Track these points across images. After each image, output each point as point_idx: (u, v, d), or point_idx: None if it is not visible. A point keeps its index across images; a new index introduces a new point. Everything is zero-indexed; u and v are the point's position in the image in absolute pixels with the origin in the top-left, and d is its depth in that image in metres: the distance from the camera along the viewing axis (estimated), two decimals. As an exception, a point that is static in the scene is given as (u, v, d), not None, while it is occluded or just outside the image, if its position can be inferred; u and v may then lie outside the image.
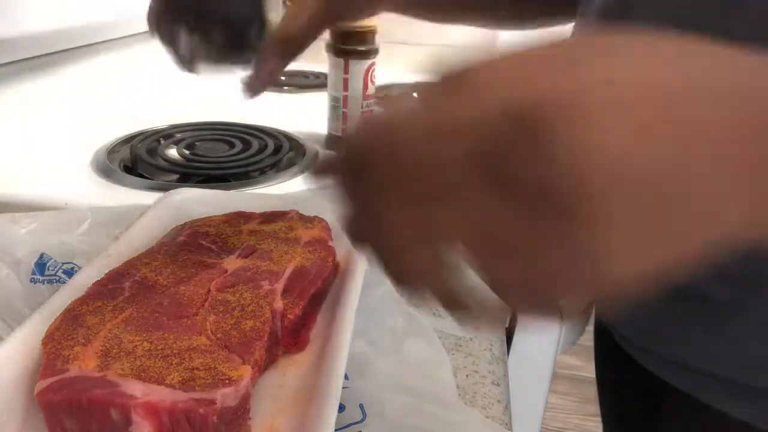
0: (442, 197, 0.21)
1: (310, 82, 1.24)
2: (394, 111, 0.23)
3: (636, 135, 0.20)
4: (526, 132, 0.19)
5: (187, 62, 0.47)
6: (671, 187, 0.20)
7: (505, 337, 0.55)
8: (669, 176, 0.20)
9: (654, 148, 0.20)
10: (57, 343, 0.37)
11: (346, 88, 0.85)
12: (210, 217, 0.55)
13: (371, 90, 0.83)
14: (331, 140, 0.92)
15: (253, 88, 0.50)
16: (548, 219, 0.20)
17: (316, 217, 0.55)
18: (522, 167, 0.20)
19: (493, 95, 0.21)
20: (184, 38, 0.45)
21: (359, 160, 0.23)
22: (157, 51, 0.52)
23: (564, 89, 0.20)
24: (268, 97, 1.19)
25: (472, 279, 0.22)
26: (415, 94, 0.23)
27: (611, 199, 0.19)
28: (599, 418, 0.74)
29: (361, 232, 0.25)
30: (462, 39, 1.76)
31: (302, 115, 1.02)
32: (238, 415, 0.35)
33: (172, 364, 0.35)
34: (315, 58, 1.47)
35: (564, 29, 0.61)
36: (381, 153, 0.22)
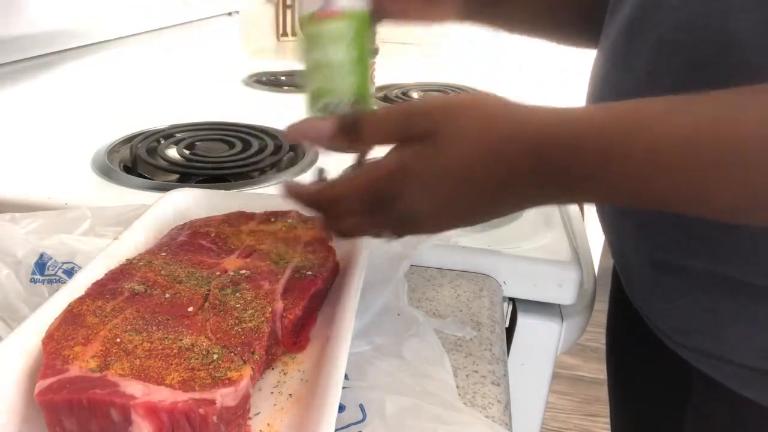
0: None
1: (310, 82, 1.24)
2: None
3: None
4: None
5: None
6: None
7: (505, 337, 0.55)
8: None
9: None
10: (57, 343, 0.37)
11: (346, 88, 0.85)
12: (210, 217, 0.55)
13: (371, 90, 0.83)
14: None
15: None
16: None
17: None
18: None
19: None
20: None
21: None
22: (157, 51, 0.52)
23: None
24: (268, 97, 1.20)
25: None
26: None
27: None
28: (599, 418, 0.73)
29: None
30: (461, 39, 1.77)
31: (302, 115, 1.02)
32: (238, 415, 0.35)
33: (172, 364, 0.35)
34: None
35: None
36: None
